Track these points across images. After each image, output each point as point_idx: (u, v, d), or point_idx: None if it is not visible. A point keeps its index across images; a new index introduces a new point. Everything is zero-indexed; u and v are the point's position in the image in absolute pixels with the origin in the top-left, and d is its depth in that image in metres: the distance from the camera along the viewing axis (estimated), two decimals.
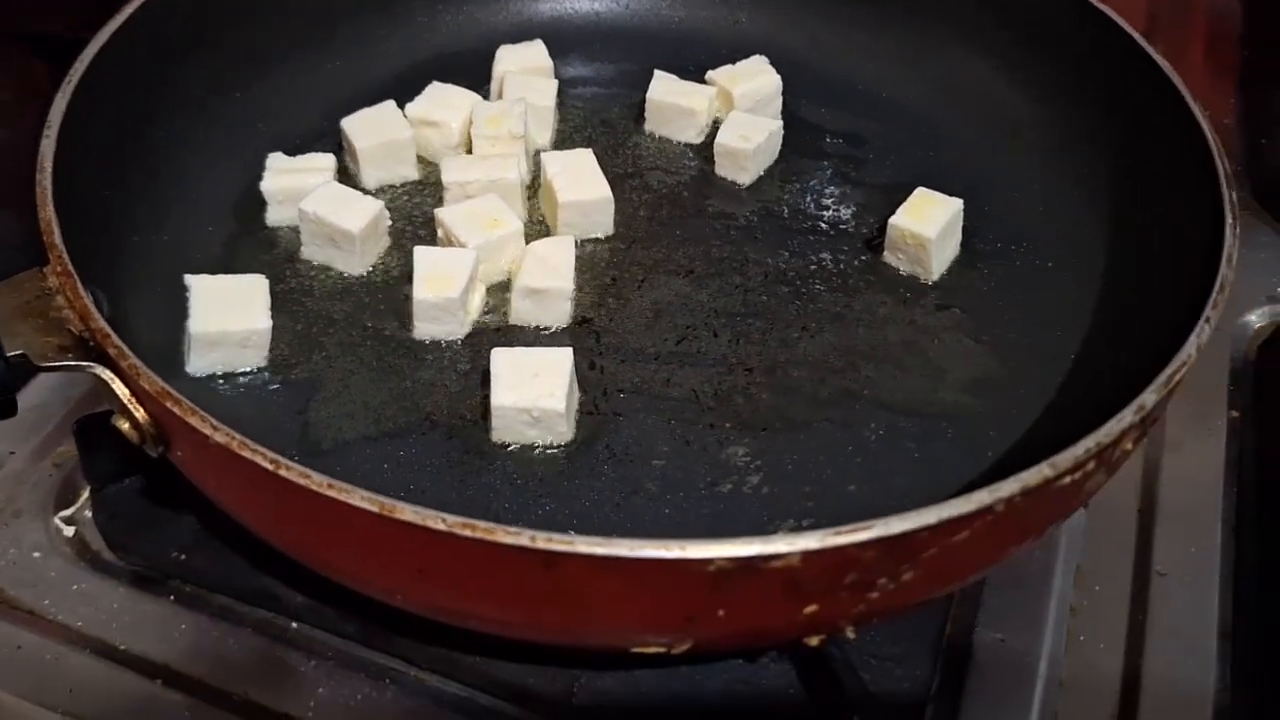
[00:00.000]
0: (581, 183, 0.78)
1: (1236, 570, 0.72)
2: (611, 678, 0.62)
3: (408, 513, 0.46)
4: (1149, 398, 0.54)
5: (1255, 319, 0.89)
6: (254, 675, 0.63)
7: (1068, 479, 0.51)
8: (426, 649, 0.63)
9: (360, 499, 0.47)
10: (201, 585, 0.67)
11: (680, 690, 0.62)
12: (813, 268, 0.78)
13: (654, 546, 0.46)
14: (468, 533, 0.46)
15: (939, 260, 0.78)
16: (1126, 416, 0.53)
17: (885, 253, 0.79)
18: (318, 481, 0.47)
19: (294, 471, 0.48)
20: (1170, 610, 0.70)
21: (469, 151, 0.81)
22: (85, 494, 0.71)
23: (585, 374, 0.70)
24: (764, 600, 0.49)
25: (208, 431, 0.49)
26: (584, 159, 0.79)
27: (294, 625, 0.65)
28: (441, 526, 0.46)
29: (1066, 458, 0.51)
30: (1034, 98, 0.85)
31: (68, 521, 0.70)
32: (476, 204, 0.75)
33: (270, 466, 0.48)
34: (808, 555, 0.47)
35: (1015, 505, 0.50)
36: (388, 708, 0.62)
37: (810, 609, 0.50)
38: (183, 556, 0.66)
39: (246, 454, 0.48)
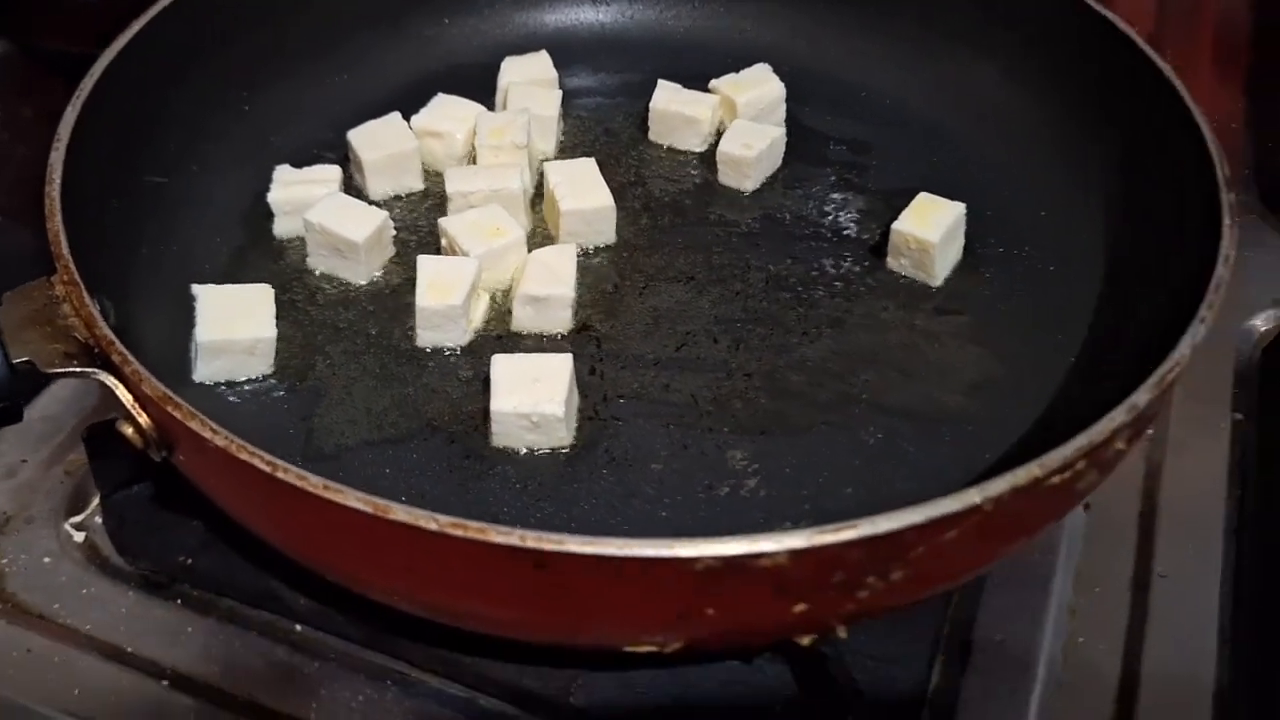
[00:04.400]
0: (583, 191, 0.79)
1: (1237, 572, 0.72)
2: (608, 678, 0.62)
3: (400, 513, 0.47)
4: (1141, 397, 0.54)
5: (1261, 322, 0.89)
6: (259, 677, 0.64)
7: (1057, 478, 0.51)
8: (427, 650, 0.64)
9: (354, 499, 0.48)
10: (208, 589, 0.68)
11: (676, 691, 0.62)
12: (814, 274, 0.79)
13: (642, 546, 0.47)
14: (459, 532, 0.47)
15: (942, 265, 0.78)
16: (1118, 416, 0.53)
17: (888, 258, 0.79)
18: (314, 483, 0.48)
19: (291, 473, 0.49)
20: (1170, 612, 0.70)
21: (473, 162, 0.83)
22: (96, 501, 0.72)
23: (586, 380, 0.71)
24: (752, 599, 0.49)
25: (207, 435, 0.50)
26: (586, 168, 0.80)
27: (298, 628, 0.66)
28: (434, 526, 0.47)
29: (1055, 457, 0.51)
30: (1035, 102, 0.85)
31: (78, 528, 0.71)
32: (479, 213, 0.76)
33: (268, 469, 0.49)
34: (795, 554, 0.47)
35: (1004, 504, 0.50)
36: (389, 708, 0.63)
37: (800, 608, 0.51)
38: (189, 561, 0.68)
39: (245, 456, 0.49)
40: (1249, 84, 1.13)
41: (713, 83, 0.89)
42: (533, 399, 0.65)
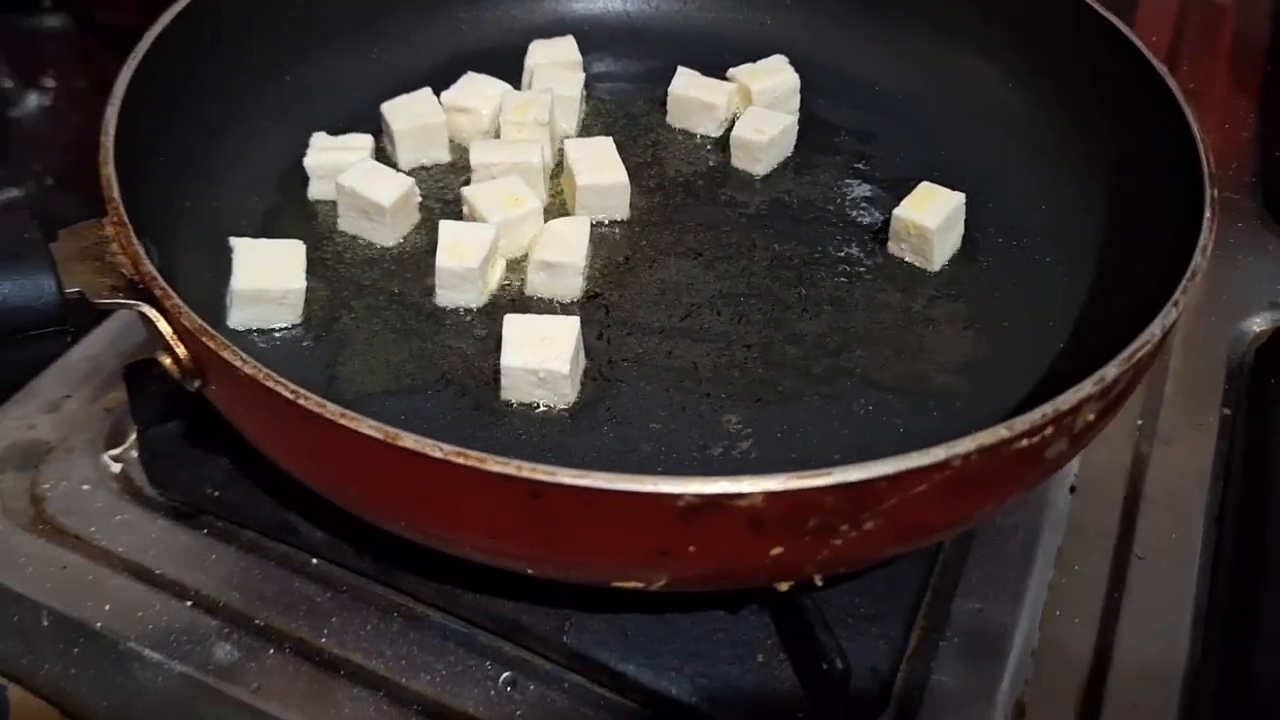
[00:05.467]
0: (600, 168, 0.83)
1: (1216, 557, 0.75)
2: (601, 619, 0.66)
3: (409, 440, 0.51)
4: (1110, 371, 0.58)
5: (1257, 323, 0.92)
6: (274, 603, 0.68)
7: (1025, 442, 0.55)
8: (432, 585, 0.68)
9: (368, 427, 0.52)
10: (232, 520, 0.72)
11: (664, 635, 0.66)
12: (818, 255, 0.82)
13: (628, 480, 0.50)
14: (460, 460, 0.51)
15: (940, 251, 0.81)
16: (1085, 387, 0.57)
17: (889, 243, 0.82)
18: (331, 410, 0.52)
19: (311, 401, 0.53)
20: (1146, 591, 0.73)
21: (498, 137, 0.87)
22: (132, 435, 0.77)
23: (593, 343, 0.75)
24: (731, 538, 0.53)
25: (238, 364, 0.55)
26: (604, 146, 0.84)
27: (314, 560, 0.71)
28: (438, 454, 0.51)
29: (1023, 421, 0.54)
30: (1036, 99, 0.88)
31: (115, 459, 0.76)
32: (500, 184, 0.80)
33: (291, 396, 0.53)
34: (770, 495, 0.51)
35: (972, 463, 0.53)
36: (394, 639, 0.67)
37: (776, 551, 0.54)
38: (216, 493, 0.72)
39: (271, 384, 0.54)
40: (1263, 96, 1.15)
41: (730, 71, 0.93)
42: (540, 356, 0.69)
